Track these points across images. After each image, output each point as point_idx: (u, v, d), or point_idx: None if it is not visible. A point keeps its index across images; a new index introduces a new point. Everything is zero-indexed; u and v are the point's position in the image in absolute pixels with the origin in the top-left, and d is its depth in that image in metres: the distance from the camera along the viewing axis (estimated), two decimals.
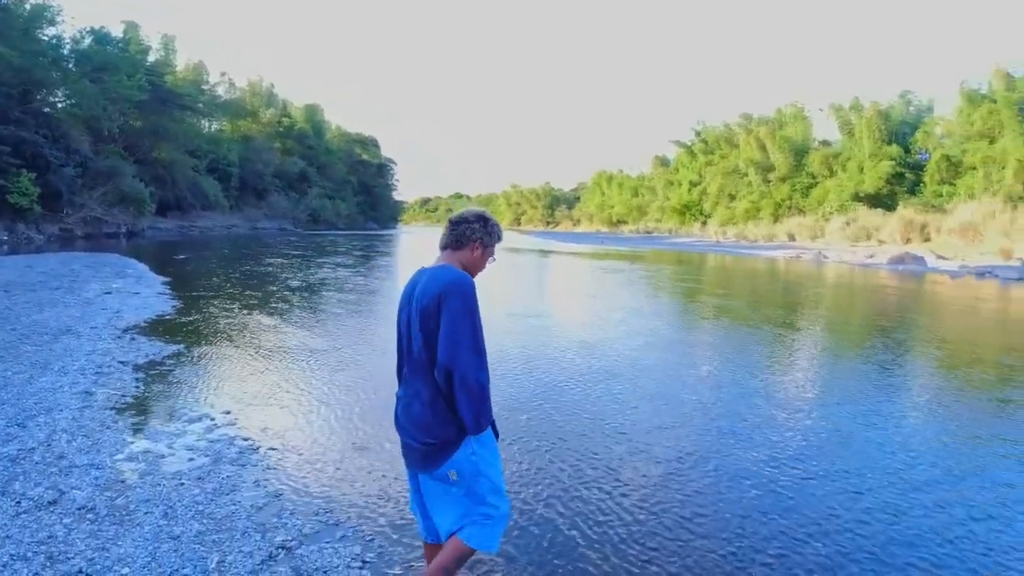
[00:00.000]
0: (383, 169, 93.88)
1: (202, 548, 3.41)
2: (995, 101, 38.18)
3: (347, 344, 9.20)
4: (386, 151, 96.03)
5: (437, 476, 2.79)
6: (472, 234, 2.90)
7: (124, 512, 3.75)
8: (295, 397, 6.49)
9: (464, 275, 2.75)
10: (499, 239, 3.02)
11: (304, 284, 16.76)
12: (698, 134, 74.53)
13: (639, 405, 6.40)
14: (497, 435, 2.91)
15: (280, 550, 3.44)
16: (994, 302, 15.49)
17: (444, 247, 2.91)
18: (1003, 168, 34.35)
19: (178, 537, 3.50)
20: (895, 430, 5.84)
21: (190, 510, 3.82)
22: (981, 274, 21.60)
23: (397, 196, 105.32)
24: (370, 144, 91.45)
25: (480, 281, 2.86)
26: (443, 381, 2.66)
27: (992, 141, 37.98)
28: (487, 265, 3.02)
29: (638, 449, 5.19)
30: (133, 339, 8.59)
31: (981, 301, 15.75)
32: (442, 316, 2.63)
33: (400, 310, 2.86)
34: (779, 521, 3.99)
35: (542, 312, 13.16)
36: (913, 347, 10.03)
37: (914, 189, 42.88)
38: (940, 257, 27.32)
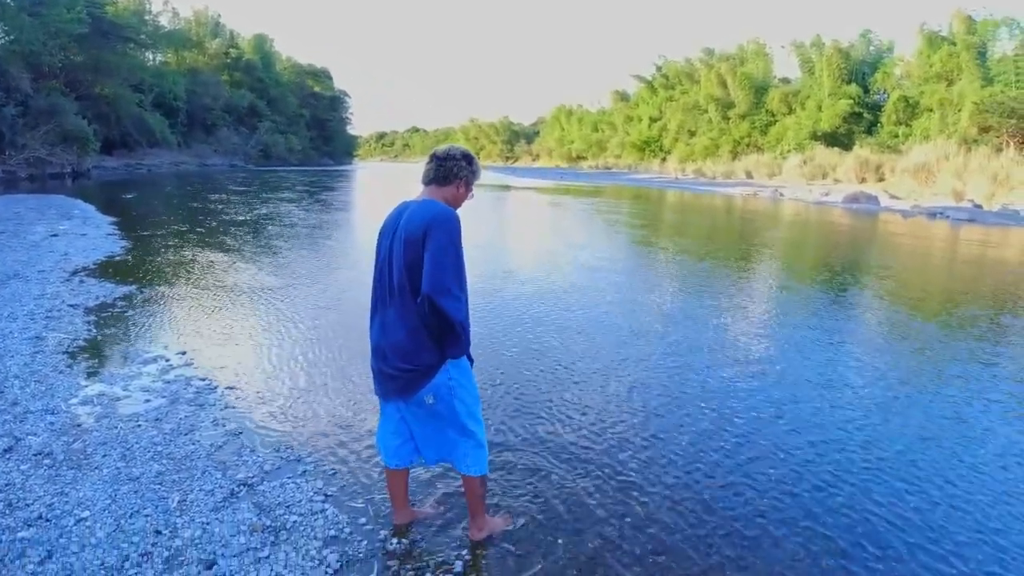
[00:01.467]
0: (336, 102, 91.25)
1: (162, 488, 3.41)
2: (955, 44, 38.42)
3: (302, 281, 9.13)
4: (339, 83, 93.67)
5: (413, 402, 2.88)
6: (459, 171, 2.96)
7: (82, 456, 3.72)
8: (251, 335, 6.46)
9: (451, 210, 2.84)
10: (478, 174, 3.08)
11: (256, 222, 16.53)
12: (659, 69, 73.87)
13: (598, 337, 6.49)
14: (472, 362, 3.01)
15: (242, 487, 3.46)
16: (943, 242, 15.85)
17: (428, 182, 2.96)
18: (959, 111, 34.70)
19: (137, 479, 3.49)
20: (839, 361, 6.05)
21: (148, 451, 3.81)
22: (932, 214, 22.03)
23: (352, 130, 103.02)
24: (322, 76, 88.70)
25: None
26: (426, 309, 2.70)
27: (950, 84, 38.31)
28: (468, 200, 3.09)
29: (597, 378, 5.29)
30: (82, 282, 8.39)
31: (931, 241, 16.10)
32: (427, 247, 2.69)
33: (380, 240, 2.91)
34: (729, 447, 4.11)
35: (505, 248, 13.16)
36: (861, 283, 10.34)
37: (871, 129, 43.25)
38: (893, 197, 27.78)
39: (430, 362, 2.79)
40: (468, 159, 3.04)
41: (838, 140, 42.85)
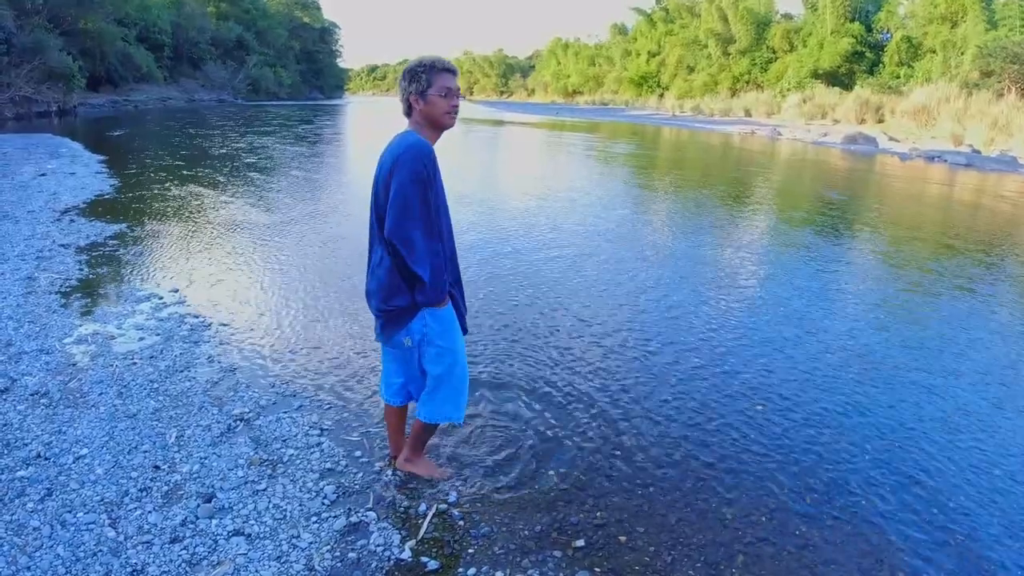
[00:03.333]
0: (326, 34, 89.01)
1: (160, 424, 3.47)
2: None
3: (295, 217, 9.13)
4: (329, 14, 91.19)
5: (394, 343, 2.87)
6: (404, 94, 2.75)
7: (78, 395, 3.76)
8: (245, 273, 6.48)
9: (417, 143, 2.65)
10: (436, 68, 2.72)
11: (247, 159, 16.38)
12: (659, 2, 72.32)
13: (595, 277, 6.50)
14: (462, 314, 2.97)
15: (238, 422, 3.53)
16: (939, 185, 15.83)
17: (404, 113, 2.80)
18: (962, 53, 34.16)
19: (135, 415, 3.54)
20: (831, 300, 6.17)
21: (145, 388, 3.86)
22: (931, 158, 21.90)
23: (342, 63, 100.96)
24: (312, 6, 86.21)
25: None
26: (391, 251, 2.66)
27: (954, 25, 37.63)
28: (452, 107, 2.75)
29: (594, 320, 5.31)
30: (72, 221, 8.34)
31: (927, 184, 16.08)
32: (392, 187, 2.59)
33: (374, 179, 2.78)
34: (717, 384, 4.19)
35: (499, 186, 13.12)
36: (853, 223, 10.43)
37: (872, 69, 42.61)
38: (892, 139, 27.55)
39: (403, 305, 2.74)
40: (406, 75, 2.75)
41: (839, 79, 42.29)
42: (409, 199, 2.57)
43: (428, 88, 2.69)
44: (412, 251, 2.60)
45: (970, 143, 24.72)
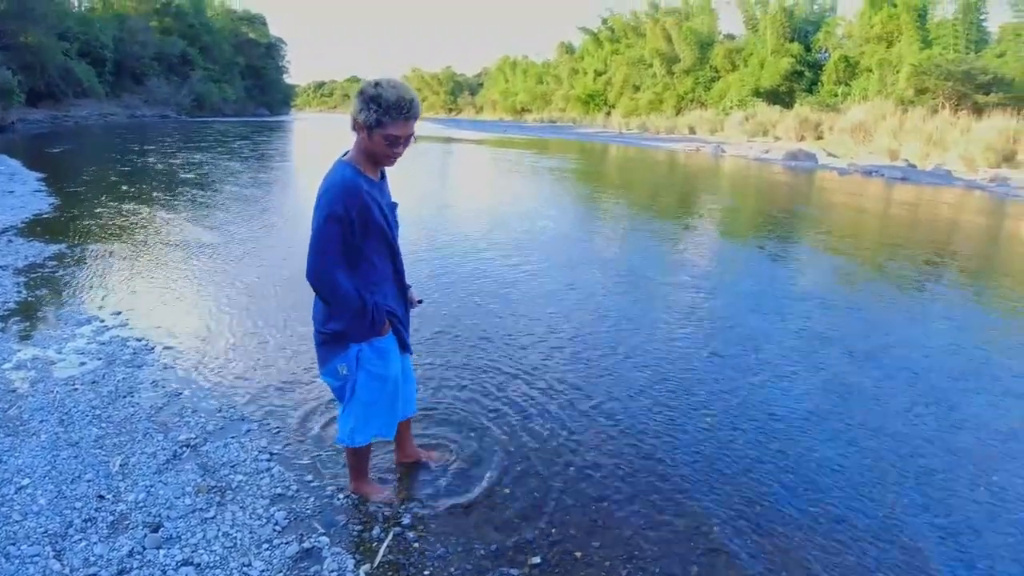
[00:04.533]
0: (273, 49, 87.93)
1: (103, 453, 3.37)
2: (896, 6, 38.85)
3: (240, 237, 8.99)
4: (276, 30, 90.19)
5: (329, 371, 2.82)
6: (352, 115, 2.53)
7: (18, 422, 3.64)
8: (189, 293, 6.37)
9: (340, 182, 2.52)
10: (389, 114, 2.47)
11: (189, 177, 16.09)
12: (605, 21, 73.26)
13: (548, 294, 6.47)
14: (404, 341, 2.95)
15: (185, 448, 3.45)
16: (877, 199, 16.30)
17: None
18: (897, 72, 35.25)
19: (77, 443, 3.44)
20: (777, 313, 6.26)
21: (87, 415, 3.75)
22: (868, 173, 22.56)
23: (289, 79, 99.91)
24: (257, 22, 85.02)
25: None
26: (316, 291, 2.65)
27: (890, 45, 38.83)
28: (394, 155, 2.59)
29: (546, 336, 5.30)
30: (10, 241, 8.10)
31: (865, 198, 16.54)
32: (312, 227, 2.54)
33: None
34: (668, 398, 4.20)
35: (450, 204, 13.11)
36: (795, 233, 10.77)
37: (812, 88, 43.73)
38: (831, 155, 28.34)
39: (339, 329, 2.71)
40: (360, 94, 2.49)
41: (779, 98, 43.32)
42: (323, 243, 2.50)
43: (376, 127, 2.49)
44: (334, 294, 2.58)
45: (906, 158, 25.55)
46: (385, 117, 2.46)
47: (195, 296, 6.28)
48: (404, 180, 14.84)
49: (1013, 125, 24.91)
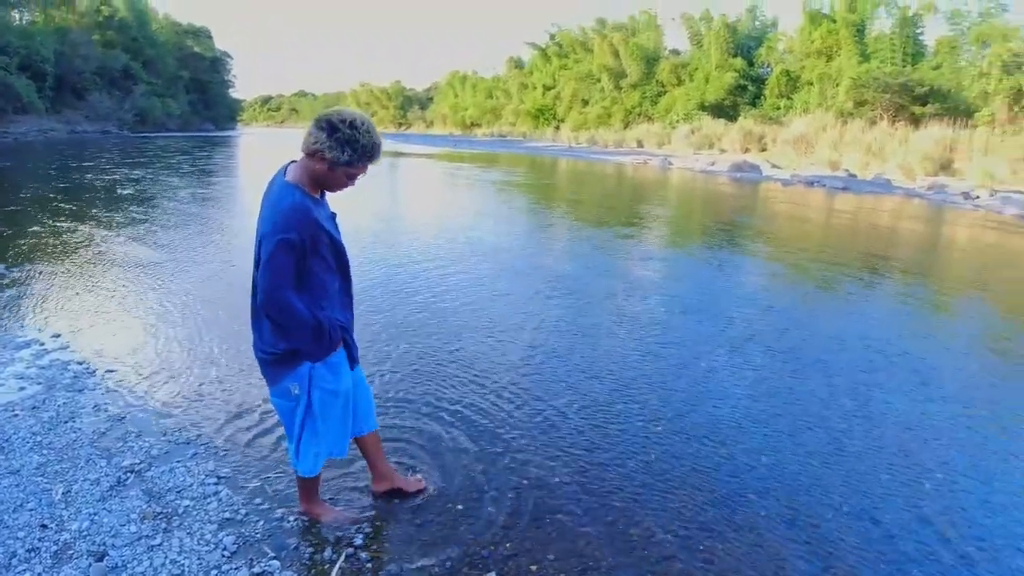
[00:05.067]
0: (218, 63, 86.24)
1: (45, 480, 3.27)
2: (835, 21, 39.98)
3: (182, 255, 8.82)
4: (222, 44, 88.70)
5: (280, 392, 2.75)
6: (316, 144, 2.50)
7: None
8: (131, 314, 6.21)
9: (291, 208, 2.49)
10: (360, 158, 2.55)
11: (131, 194, 15.75)
12: (553, 37, 73.97)
13: (496, 304, 6.48)
14: (353, 357, 2.90)
15: (129, 474, 3.36)
16: (819, 209, 16.71)
17: (301, 148, 2.58)
18: (837, 85, 36.19)
19: (18, 471, 3.34)
20: (722, 306, 6.53)
21: (27, 442, 3.64)
22: (810, 183, 23.11)
23: (235, 94, 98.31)
24: (203, 35, 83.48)
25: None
26: (268, 318, 2.59)
27: (830, 59, 39.92)
28: (347, 186, 2.65)
29: (496, 347, 5.29)
30: None
31: (807, 207, 16.96)
32: (262, 254, 2.49)
33: (257, 227, 2.62)
34: (617, 406, 4.16)
35: (397, 217, 13.07)
36: (740, 243, 10.95)
37: (755, 101, 44.65)
38: (775, 166, 28.99)
39: (289, 348, 2.66)
40: (332, 130, 2.49)
41: (724, 111, 44.16)
42: (278, 270, 2.47)
43: (341, 165, 2.53)
44: (291, 319, 2.54)
45: (846, 168, 26.28)
46: (358, 160, 2.54)
47: (137, 316, 6.14)
48: (353, 194, 14.74)
49: (949, 135, 25.80)
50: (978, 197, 19.69)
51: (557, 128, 64.68)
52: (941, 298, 8.18)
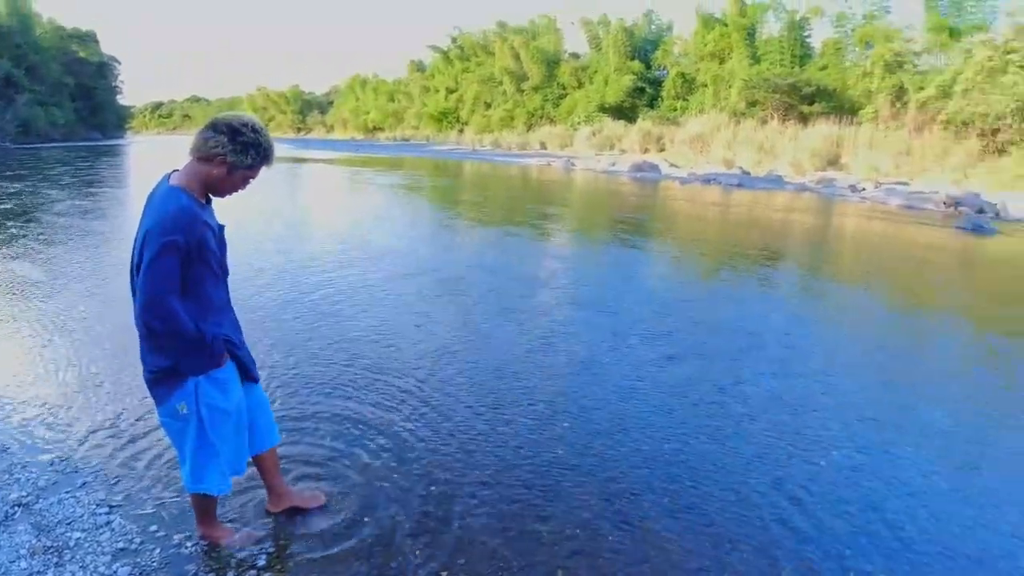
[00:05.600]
0: (105, 69, 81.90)
1: None
2: (726, 25, 41.39)
3: (63, 272, 8.31)
4: (109, 48, 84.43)
5: (167, 411, 2.60)
6: (216, 148, 2.44)
7: None
8: (13, 338, 5.78)
9: (176, 211, 2.39)
10: (261, 161, 2.53)
11: (10, 208, 14.82)
12: (454, 40, 73.97)
13: (398, 312, 6.36)
14: (247, 363, 2.79)
15: (16, 508, 3.14)
16: (715, 205, 17.24)
17: (190, 153, 2.49)
18: (730, 87, 37.54)
19: None
20: (614, 298, 6.65)
21: None
22: (707, 181, 23.84)
23: (123, 100, 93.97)
24: (88, 39, 79.51)
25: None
26: (148, 329, 2.44)
27: (722, 61, 41.29)
28: (239, 190, 2.59)
29: (394, 355, 5.18)
30: None
31: (704, 204, 17.46)
32: (143, 259, 2.36)
33: (136, 234, 2.49)
34: (523, 406, 4.13)
35: (297, 224, 12.75)
36: (640, 238, 11.12)
37: (653, 103, 45.75)
38: (673, 165, 29.79)
39: (171, 365, 2.53)
40: (233, 134, 2.45)
41: (624, 113, 45.07)
42: (161, 273, 2.35)
43: (242, 168, 2.49)
44: (171, 326, 2.40)
45: (740, 166, 27.23)
46: (259, 163, 2.52)
47: (20, 341, 5.72)
48: (248, 203, 14.33)
49: (836, 131, 27.09)
50: (864, 189, 20.73)
51: (461, 131, 64.72)
52: (822, 284, 8.74)
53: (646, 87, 46.91)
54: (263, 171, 2.60)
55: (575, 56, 58.29)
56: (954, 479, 3.68)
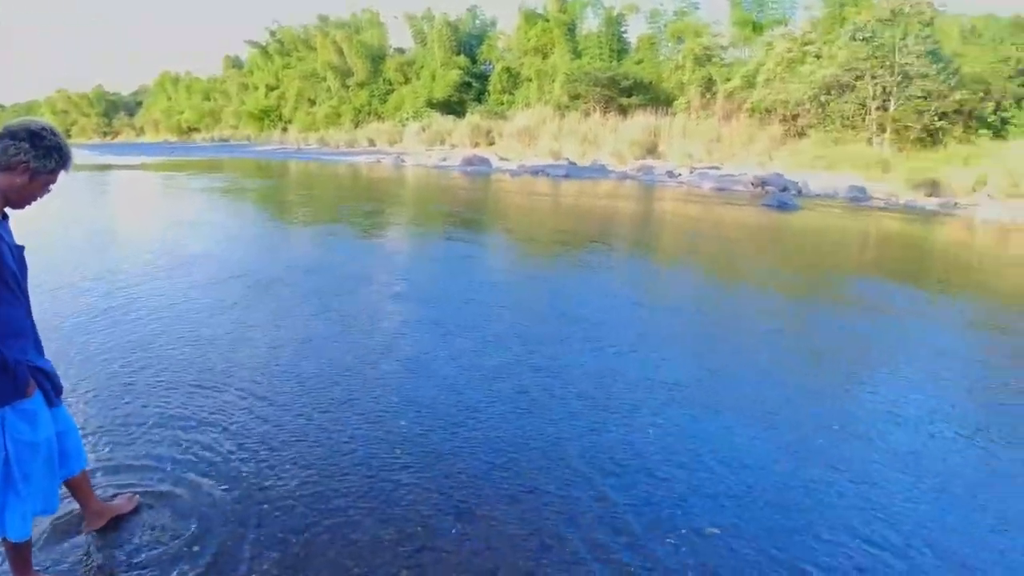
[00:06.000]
0: None
1: None
2: (548, 20, 42.23)
3: None
4: None
5: None
6: (18, 155, 2.29)
7: None
8: None
9: None
10: (62, 164, 2.41)
11: None
12: (273, 34, 71.14)
13: (204, 309, 5.94)
14: (50, 395, 2.49)
15: None
16: (542, 195, 17.42)
17: None
18: (553, 81, 38.39)
19: None
20: (435, 290, 6.44)
21: None
22: (535, 172, 24.11)
23: None
24: None
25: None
26: None
27: (546, 56, 42.13)
28: (43, 195, 2.45)
29: (230, 370, 4.73)
30: None
31: (532, 195, 17.61)
32: None
33: None
34: (362, 410, 3.93)
35: (105, 235, 11.64)
36: (466, 230, 11.06)
37: (480, 97, 46.03)
38: (503, 158, 29.99)
39: None
40: (35, 139, 2.32)
41: (452, 108, 45.02)
42: None
43: (44, 173, 2.37)
44: None
45: (567, 157, 27.83)
46: (60, 167, 2.42)
47: None
48: (47, 216, 12.92)
49: (653, 122, 28.34)
50: (680, 175, 21.70)
51: (285, 130, 62.38)
52: (643, 265, 9.11)
53: (473, 82, 47.12)
54: (62, 176, 2.46)
55: (400, 51, 57.64)
56: (757, 433, 3.86)
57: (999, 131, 21.71)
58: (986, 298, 7.54)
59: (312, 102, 60.83)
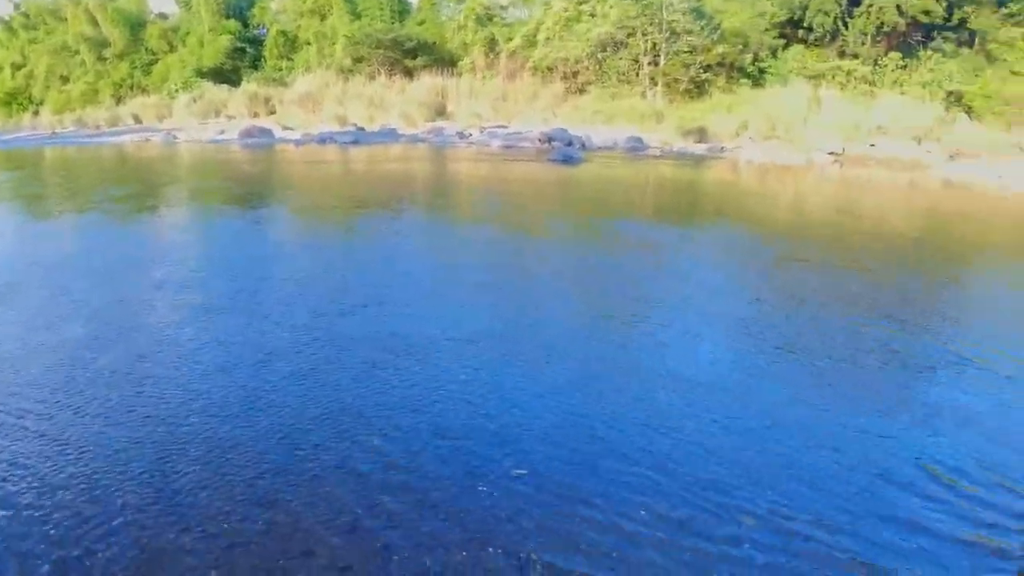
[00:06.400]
0: None
1: None
2: None
3: None
4: None
5: None
6: None
7: None
8: None
9: None
10: None
11: None
12: (17, 7, 63.45)
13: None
14: None
15: None
16: (331, 163, 16.71)
17: None
18: (334, 44, 36.97)
19: None
20: (212, 271, 5.83)
21: None
22: (322, 140, 23.08)
23: None
24: None
25: None
26: None
27: (323, 18, 40.42)
28: None
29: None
30: None
31: (320, 164, 16.82)
32: None
33: None
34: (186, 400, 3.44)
35: None
36: (252, 206, 10.16)
37: (256, 64, 43.51)
38: (286, 128, 28.51)
39: None
40: None
41: (226, 76, 42.29)
42: None
43: None
44: None
45: (355, 122, 27.00)
46: None
47: None
48: None
49: (440, 83, 28.13)
50: (470, 135, 21.63)
51: (36, 113, 56.00)
52: (431, 226, 9.13)
53: (246, 47, 44.50)
54: None
55: (163, 17, 53.25)
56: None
57: (757, 80, 24.05)
58: (748, 226, 8.66)
59: (65, 79, 54.93)
